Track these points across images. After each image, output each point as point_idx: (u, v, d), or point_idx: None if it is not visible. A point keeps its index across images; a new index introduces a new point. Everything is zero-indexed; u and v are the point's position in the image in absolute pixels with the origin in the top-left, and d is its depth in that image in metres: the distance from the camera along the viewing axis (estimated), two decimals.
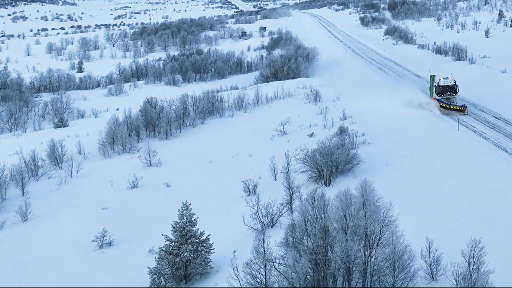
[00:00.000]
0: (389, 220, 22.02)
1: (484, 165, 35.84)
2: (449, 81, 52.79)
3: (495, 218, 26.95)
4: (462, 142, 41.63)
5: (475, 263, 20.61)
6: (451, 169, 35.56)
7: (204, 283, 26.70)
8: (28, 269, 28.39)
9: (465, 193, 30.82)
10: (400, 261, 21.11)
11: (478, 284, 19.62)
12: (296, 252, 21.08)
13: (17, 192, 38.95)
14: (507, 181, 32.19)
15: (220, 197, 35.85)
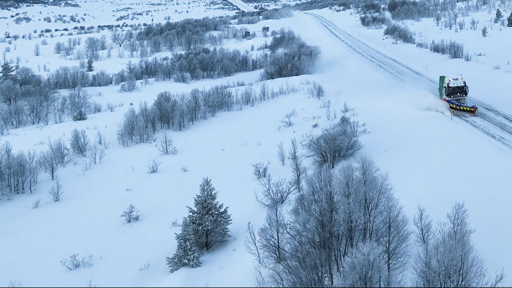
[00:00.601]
0: (385, 188, 25.66)
1: (474, 149, 39.59)
2: (459, 82, 52.54)
3: (478, 188, 30.71)
4: (454, 130, 45.27)
5: (459, 224, 24.17)
6: (444, 153, 39.24)
7: (223, 249, 30.30)
8: (66, 239, 31.98)
9: (455, 170, 34.57)
10: (394, 223, 24.69)
11: (461, 242, 23.13)
12: (306, 214, 24.68)
13: (47, 176, 42.60)
14: (493, 160, 35.97)
15: (233, 179, 39.37)
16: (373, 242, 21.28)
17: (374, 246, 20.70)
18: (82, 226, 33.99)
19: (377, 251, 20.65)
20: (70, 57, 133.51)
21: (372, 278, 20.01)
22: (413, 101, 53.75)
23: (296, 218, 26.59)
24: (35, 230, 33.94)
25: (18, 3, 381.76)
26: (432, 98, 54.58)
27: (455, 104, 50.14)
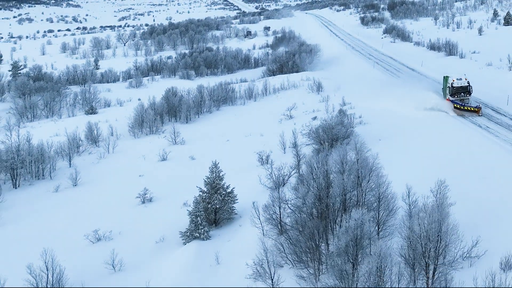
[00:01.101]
0: (375, 166, 28.78)
1: (463, 138, 42.82)
2: (463, 82, 52.34)
3: (464, 169, 33.90)
4: (445, 121, 48.39)
5: (441, 198, 27.25)
6: (434, 141, 42.45)
7: (230, 225, 33.41)
8: (87, 218, 35.07)
9: (444, 155, 37.78)
10: (383, 197, 27.79)
11: (440, 208, 26.16)
12: (305, 189, 27.79)
13: (64, 164, 45.77)
14: (478, 146, 39.24)
15: (238, 166, 42.37)
16: (363, 209, 24.35)
17: (364, 212, 23.81)
18: (100, 207, 37.11)
19: (366, 217, 23.77)
20: (76, 56, 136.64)
21: (362, 239, 23.11)
22: (407, 96, 56.67)
23: (296, 194, 29.69)
24: (58, 211, 37.06)
25: (20, 3, 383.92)
26: (426, 92, 57.48)
27: (459, 104, 50.17)
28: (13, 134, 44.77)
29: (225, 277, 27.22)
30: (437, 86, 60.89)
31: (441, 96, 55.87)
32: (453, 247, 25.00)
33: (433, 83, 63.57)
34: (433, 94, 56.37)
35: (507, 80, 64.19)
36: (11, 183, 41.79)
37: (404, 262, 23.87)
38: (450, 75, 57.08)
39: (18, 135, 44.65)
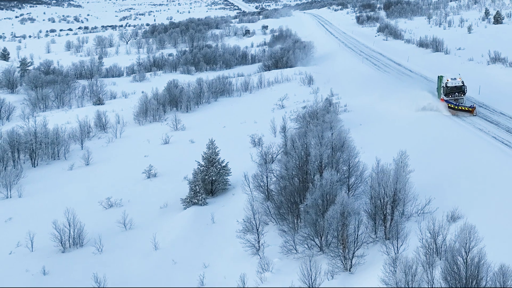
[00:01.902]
0: (348, 141, 33.82)
1: (437, 123, 47.80)
2: (457, 82, 52.30)
3: (427, 146, 38.93)
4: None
5: (402, 166, 32.23)
6: (410, 126, 47.43)
7: (225, 195, 38.39)
8: (99, 190, 39.98)
9: (413, 136, 42.86)
10: (353, 164, 32.77)
11: (401, 178, 31.01)
12: (287, 157, 32.82)
13: (77, 147, 50.85)
14: (450, 131, 44.36)
15: (233, 147, 47.19)
16: (333, 171, 29.36)
17: (333, 173, 28.86)
18: (111, 181, 42.10)
19: (335, 177, 28.82)
20: (80, 54, 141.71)
21: (331, 195, 28.09)
22: (390, 90, 61.53)
23: (281, 166, 34.69)
24: (73, 185, 42.06)
25: (22, 4, 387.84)
26: (405, 85, 62.54)
27: (453, 104, 50.31)
28: (30, 121, 49.72)
29: (219, 233, 32.24)
30: (419, 79, 65.88)
31: (418, 85, 60.99)
32: (409, 204, 30.08)
33: (416, 76, 68.61)
34: (423, 91, 61.01)
35: (484, 73, 69.24)
36: (30, 163, 46.86)
37: (367, 216, 28.91)
38: (435, 70, 62.78)
39: (35, 121, 49.60)
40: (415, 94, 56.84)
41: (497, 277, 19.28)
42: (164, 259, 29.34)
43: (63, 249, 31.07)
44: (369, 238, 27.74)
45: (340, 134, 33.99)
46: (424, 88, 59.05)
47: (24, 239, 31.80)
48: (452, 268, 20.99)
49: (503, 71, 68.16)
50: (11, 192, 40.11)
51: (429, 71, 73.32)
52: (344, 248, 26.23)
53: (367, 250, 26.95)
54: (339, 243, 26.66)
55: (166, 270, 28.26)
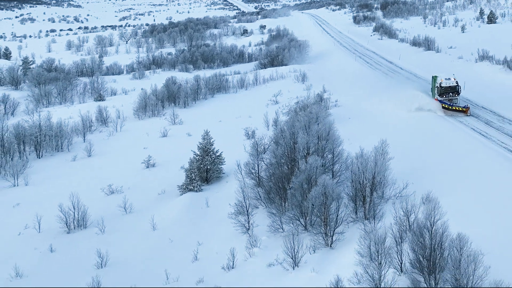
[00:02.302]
0: (332, 129, 36.33)
1: (420, 116, 50.29)
2: (451, 82, 52.65)
3: (409, 136, 41.49)
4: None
5: (382, 153, 34.69)
6: (394, 119, 49.89)
7: (219, 182, 40.86)
8: (101, 178, 42.39)
9: (398, 127, 45.32)
10: (337, 152, 35.27)
11: (379, 163, 33.46)
12: (276, 146, 35.32)
13: (79, 139, 53.36)
14: (429, 121, 46.83)
15: (228, 139, 49.57)
16: (317, 157, 31.86)
17: (317, 159, 31.37)
18: (112, 170, 44.58)
19: (319, 162, 31.33)
20: (81, 53, 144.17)
21: (314, 178, 30.56)
22: (378, 87, 64.14)
23: (271, 155, 37.20)
24: (76, 174, 44.57)
25: (22, 4, 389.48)
26: (394, 82, 65.24)
27: (447, 104, 50.64)
28: (35, 115, 52.22)
29: (213, 215, 34.74)
30: (408, 75, 68.37)
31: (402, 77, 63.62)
32: (388, 188, 32.60)
33: (405, 73, 71.14)
34: (411, 88, 63.20)
35: (472, 70, 71.86)
36: (35, 154, 49.34)
37: (348, 199, 31.42)
38: (425, 67, 65.47)
39: (39, 115, 52.11)
40: (402, 91, 59.45)
41: (455, 243, 21.77)
42: (161, 238, 31.85)
43: (68, 230, 33.57)
44: (349, 218, 30.22)
45: (326, 125, 36.49)
46: (413, 85, 61.48)
47: (31, 221, 34.33)
48: (418, 239, 23.49)
49: (490, 68, 70.74)
50: (18, 180, 42.60)
51: (419, 69, 76.13)
52: (325, 226, 28.74)
53: (347, 228, 29.44)
54: (322, 222, 29.15)
55: (163, 248, 30.77)
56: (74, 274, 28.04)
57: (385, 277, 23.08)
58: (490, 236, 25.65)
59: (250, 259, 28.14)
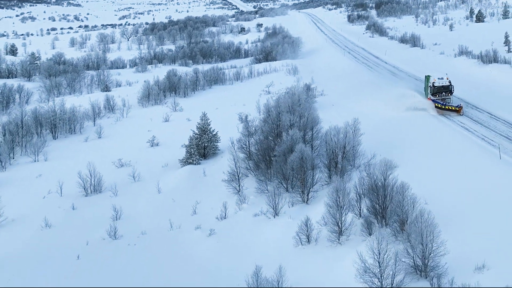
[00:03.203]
0: (313, 110, 42.19)
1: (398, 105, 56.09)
2: (444, 82, 52.87)
3: (383, 116, 47.36)
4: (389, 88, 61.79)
5: (353, 129, 40.53)
6: (377, 106, 55.73)
7: (215, 157, 46.61)
8: (111, 155, 48.06)
9: (374, 109, 51.18)
10: (318, 132, 41.09)
11: (349, 134, 39.20)
12: (264, 123, 41.19)
13: (89, 124, 59.26)
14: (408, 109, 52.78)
15: (223, 123, 55.18)
16: (297, 130, 37.71)
17: (296, 131, 37.24)
18: (120, 149, 50.32)
19: (298, 134, 37.21)
20: (84, 49, 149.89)
21: (294, 148, 36.39)
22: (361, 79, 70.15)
23: (259, 132, 43.04)
24: (89, 152, 50.31)
25: (22, 2, 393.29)
26: (375, 74, 71.11)
27: (440, 103, 50.83)
28: (50, 102, 58.02)
29: (209, 182, 40.56)
30: (391, 69, 74.17)
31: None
32: (358, 159, 38.46)
33: (388, 66, 77.04)
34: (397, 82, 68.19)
35: (450, 64, 77.70)
36: (51, 136, 55.18)
37: (323, 166, 37.27)
38: (407, 61, 71.12)
39: (54, 102, 57.91)
40: (383, 83, 65.58)
41: (398, 188, 27.66)
42: (165, 199, 37.72)
43: (86, 194, 39.42)
44: (324, 182, 36.06)
45: (307, 106, 42.34)
46: (400, 83, 66.85)
47: (53, 188, 40.17)
48: (373, 189, 29.37)
49: (466, 62, 76.64)
50: (38, 157, 48.44)
51: (402, 63, 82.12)
52: (302, 185, 34.62)
53: (321, 190, 35.23)
54: (300, 183, 35.02)
55: (167, 206, 36.60)
56: (94, 225, 33.86)
57: (346, 219, 28.90)
58: (433, 190, 31.50)
59: (240, 212, 34.02)
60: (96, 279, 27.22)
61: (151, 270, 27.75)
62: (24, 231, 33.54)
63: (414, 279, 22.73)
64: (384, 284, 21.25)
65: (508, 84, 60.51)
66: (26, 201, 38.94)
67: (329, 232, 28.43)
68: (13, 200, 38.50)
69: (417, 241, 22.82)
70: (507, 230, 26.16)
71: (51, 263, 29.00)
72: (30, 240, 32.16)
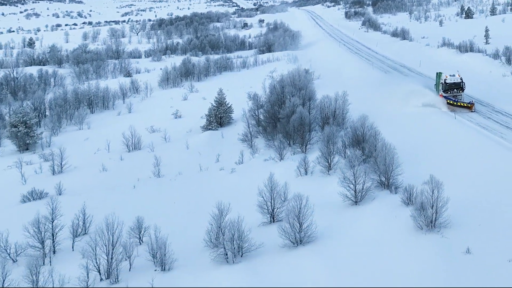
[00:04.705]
0: (311, 84, 52.12)
1: (383, 81, 66.05)
2: (456, 79, 53.26)
3: (370, 90, 57.39)
4: (376, 72, 71.75)
5: (343, 99, 50.39)
6: (369, 86, 65.66)
7: (230, 125, 56.44)
8: (142, 124, 57.94)
9: (364, 89, 61.03)
10: (313, 100, 51.01)
11: (339, 100, 49.04)
12: (271, 94, 51.15)
13: (119, 102, 69.17)
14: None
15: (234, 101, 65.13)
16: (297, 98, 47.59)
17: (297, 99, 47.20)
18: (149, 120, 60.19)
19: (298, 101, 47.19)
20: (97, 43, 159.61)
21: (295, 111, 46.27)
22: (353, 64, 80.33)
23: (266, 103, 52.96)
24: (123, 123, 60.14)
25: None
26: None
27: (452, 100, 51.35)
28: (84, 83, 67.96)
29: (227, 142, 50.44)
30: (380, 57, 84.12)
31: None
32: (345, 121, 48.37)
33: (377, 55, 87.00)
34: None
35: (433, 53, 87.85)
36: (89, 110, 65.13)
37: (318, 127, 47.20)
38: (395, 52, 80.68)
39: (88, 83, 67.85)
40: (371, 68, 75.49)
41: (371, 131, 37.63)
42: (193, 152, 47.65)
43: (128, 150, 49.38)
44: (319, 139, 45.93)
45: (305, 81, 52.27)
46: (378, 64, 77.25)
47: (101, 147, 50.11)
48: (355, 137, 39.31)
49: (446, 51, 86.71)
50: (82, 125, 58.35)
51: (390, 53, 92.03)
52: (301, 139, 44.55)
53: (317, 144, 45.08)
54: (300, 138, 44.95)
55: (195, 157, 46.49)
56: (140, 169, 43.74)
57: (333, 160, 38.76)
58: (401, 140, 41.43)
59: (253, 159, 44.00)
60: (149, 200, 37.05)
61: (189, 193, 37.66)
62: (87, 173, 43.47)
63: (379, 188, 32.66)
64: (357, 189, 31.15)
65: (479, 69, 70.58)
66: (81, 155, 48.85)
67: (321, 167, 38.35)
68: (70, 155, 48.33)
69: (381, 162, 32.76)
70: (448, 159, 36.17)
71: (114, 191, 38.87)
72: (94, 179, 42.08)
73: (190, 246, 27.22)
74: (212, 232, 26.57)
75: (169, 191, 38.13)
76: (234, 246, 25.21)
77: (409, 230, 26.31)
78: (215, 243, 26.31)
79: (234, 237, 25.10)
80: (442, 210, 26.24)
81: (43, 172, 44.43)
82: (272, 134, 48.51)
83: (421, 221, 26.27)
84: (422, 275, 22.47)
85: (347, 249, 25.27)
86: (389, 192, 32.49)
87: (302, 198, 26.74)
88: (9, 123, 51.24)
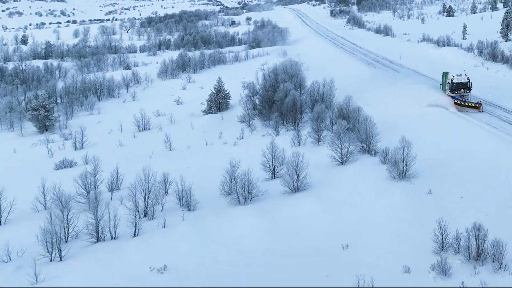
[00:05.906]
0: (301, 71, 58.37)
1: (362, 69, 72.55)
2: (463, 78, 52.74)
3: (357, 79, 63.92)
4: (360, 64, 78.27)
5: (330, 85, 56.70)
6: (351, 71, 72.05)
7: (228, 110, 62.40)
8: (147, 110, 63.69)
9: (349, 78, 67.50)
10: (304, 87, 57.24)
11: (327, 85, 55.37)
12: (265, 81, 57.33)
13: (123, 91, 74.86)
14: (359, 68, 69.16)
15: (230, 89, 71.36)
16: (289, 83, 53.76)
17: (289, 84, 53.42)
18: (153, 106, 65.76)
19: (291, 86, 53.42)
20: (89, 40, 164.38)
21: (287, 94, 52.45)
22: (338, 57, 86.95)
23: (261, 89, 59.11)
24: (129, 109, 65.86)
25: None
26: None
27: (459, 100, 50.98)
28: (91, 74, 73.59)
29: (226, 123, 56.41)
30: (363, 51, 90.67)
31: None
32: (332, 104, 54.69)
33: (361, 49, 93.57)
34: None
35: (413, 48, 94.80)
36: (96, 98, 70.75)
37: (308, 109, 53.43)
38: (378, 46, 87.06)
39: (94, 74, 73.46)
40: (355, 60, 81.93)
41: (356, 112, 43.96)
42: (198, 131, 53.61)
43: (139, 130, 55.21)
44: (309, 119, 52.15)
45: (296, 68, 58.48)
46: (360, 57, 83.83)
47: (114, 128, 55.87)
48: (340, 114, 45.61)
49: (425, 46, 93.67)
50: (93, 111, 64.04)
51: (373, 47, 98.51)
52: (294, 118, 50.75)
53: (308, 124, 51.32)
54: (292, 118, 51.14)
55: (200, 135, 52.42)
56: (153, 144, 49.59)
57: (323, 134, 45.01)
58: (377, 113, 47.78)
59: (251, 135, 50.14)
60: (166, 166, 42.87)
61: (199, 161, 43.64)
62: (106, 148, 49.23)
63: (361, 153, 39.01)
64: (343, 152, 37.44)
65: (453, 60, 77.40)
66: (97, 135, 54.57)
67: (312, 139, 44.63)
68: (87, 134, 54.08)
69: (363, 132, 39.11)
70: (417, 129, 42.72)
71: (134, 160, 44.54)
72: (113, 152, 47.86)
73: (208, 196, 33.31)
74: (226, 182, 32.67)
75: (182, 160, 44.07)
76: (244, 192, 31.33)
77: (384, 180, 32.71)
78: (228, 191, 32.43)
79: (245, 184, 31.20)
80: (411, 163, 32.66)
81: (66, 148, 50.17)
82: (268, 115, 54.67)
83: (394, 172, 32.66)
84: (395, 208, 28.82)
85: (335, 193, 31.61)
86: (369, 156, 38.88)
87: (298, 155, 32.94)
88: (31, 107, 56.84)
